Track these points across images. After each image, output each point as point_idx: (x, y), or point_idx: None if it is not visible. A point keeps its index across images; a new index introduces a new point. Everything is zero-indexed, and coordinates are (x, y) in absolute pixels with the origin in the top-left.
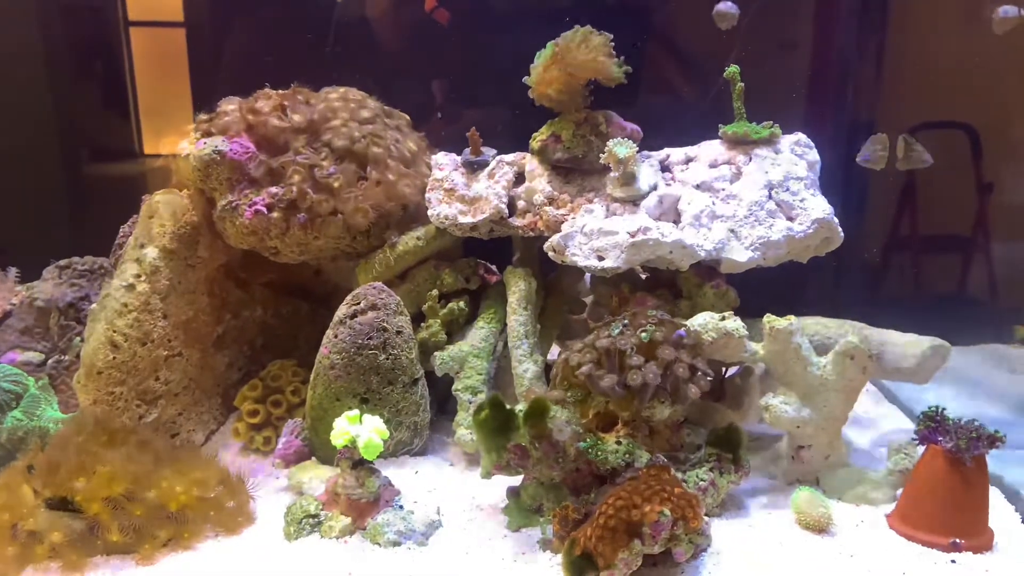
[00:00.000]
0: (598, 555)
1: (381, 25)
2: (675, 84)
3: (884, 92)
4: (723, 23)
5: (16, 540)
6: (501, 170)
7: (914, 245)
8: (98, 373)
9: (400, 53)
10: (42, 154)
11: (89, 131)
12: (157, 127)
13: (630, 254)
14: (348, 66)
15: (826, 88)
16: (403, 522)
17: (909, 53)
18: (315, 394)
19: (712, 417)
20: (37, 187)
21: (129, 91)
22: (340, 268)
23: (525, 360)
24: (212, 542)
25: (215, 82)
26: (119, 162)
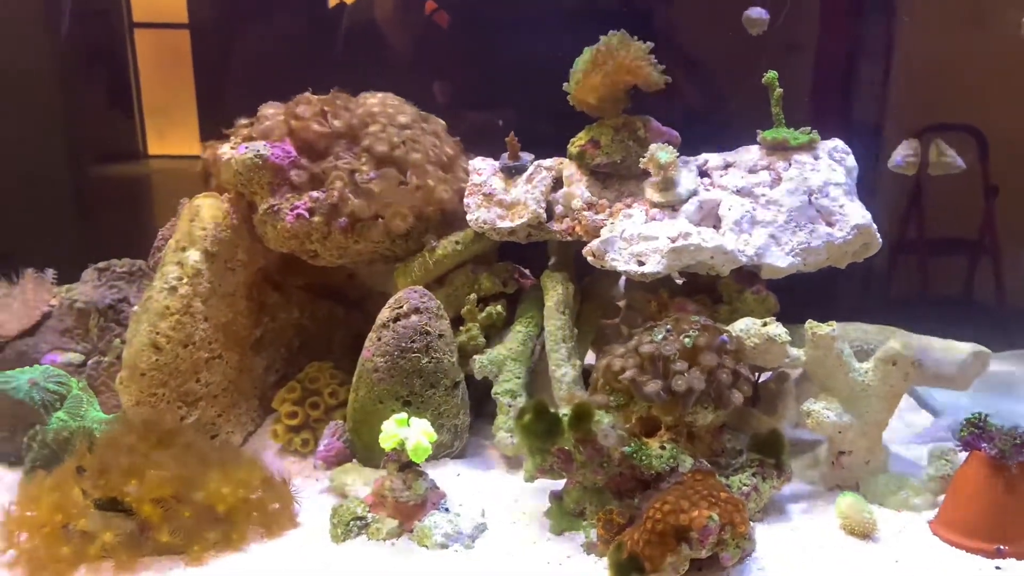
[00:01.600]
0: (646, 559)
1: (390, 27)
2: (680, 90)
3: (890, 95)
4: (754, 28)
5: (69, 540)
6: (539, 175)
7: (942, 248)
8: (141, 375)
9: (410, 55)
10: (47, 155)
11: (94, 132)
12: (160, 128)
13: (671, 259)
14: (358, 69)
15: (832, 91)
16: (450, 524)
17: (916, 56)
18: (358, 396)
19: (747, 422)
20: (42, 188)
21: (133, 92)
22: (373, 271)
23: (563, 364)
24: (259, 544)
25: (220, 84)
26: (123, 163)
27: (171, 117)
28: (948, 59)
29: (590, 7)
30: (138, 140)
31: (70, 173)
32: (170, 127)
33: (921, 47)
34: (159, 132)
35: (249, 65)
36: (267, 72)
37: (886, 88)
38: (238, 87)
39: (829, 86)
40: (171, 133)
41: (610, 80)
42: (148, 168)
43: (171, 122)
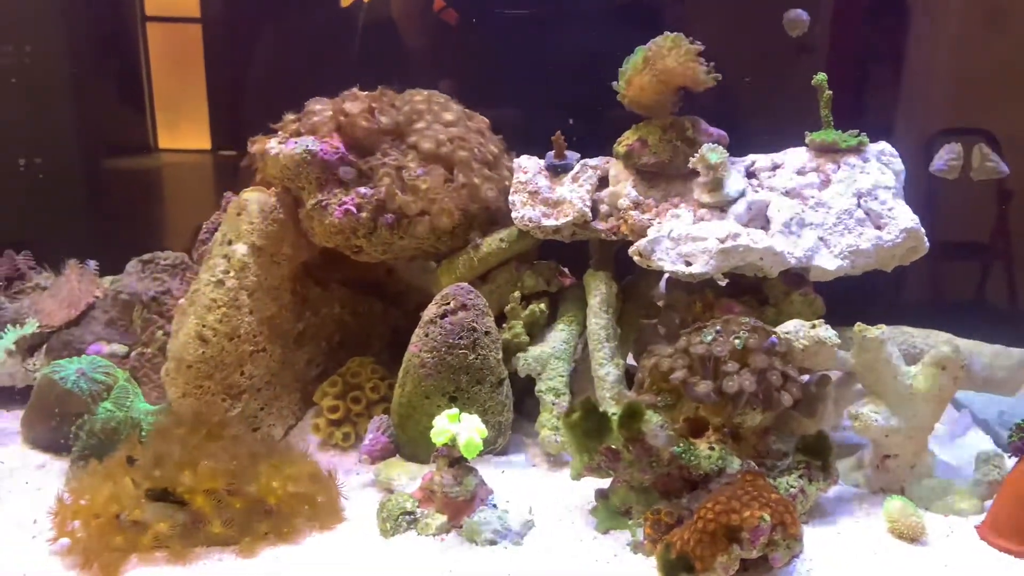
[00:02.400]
0: (696, 558)
1: (406, 24)
2: None
3: (902, 98)
4: (794, 30)
5: (122, 530)
6: (585, 174)
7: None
8: (187, 367)
9: (426, 52)
10: (60, 148)
11: (106, 126)
12: (171, 122)
13: (719, 260)
14: (372, 65)
15: (843, 93)
16: (499, 521)
17: (928, 58)
18: (404, 391)
19: (787, 424)
20: (55, 181)
21: (145, 86)
22: (411, 268)
23: (606, 363)
24: (309, 537)
25: (231, 78)
26: (133, 156)
27: (182, 111)
28: (961, 62)
29: (596, 4)
30: (149, 134)
31: (82, 166)
32: (180, 121)
33: (934, 50)
34: (169, 126)
35: (260, 60)
36: (278, 67)
37: (898, 91)
38: (249, 82)
39: (841, 88)
40: (181, 127)
41: (660, 80)
42: (158, 162)
43: (181, 116)
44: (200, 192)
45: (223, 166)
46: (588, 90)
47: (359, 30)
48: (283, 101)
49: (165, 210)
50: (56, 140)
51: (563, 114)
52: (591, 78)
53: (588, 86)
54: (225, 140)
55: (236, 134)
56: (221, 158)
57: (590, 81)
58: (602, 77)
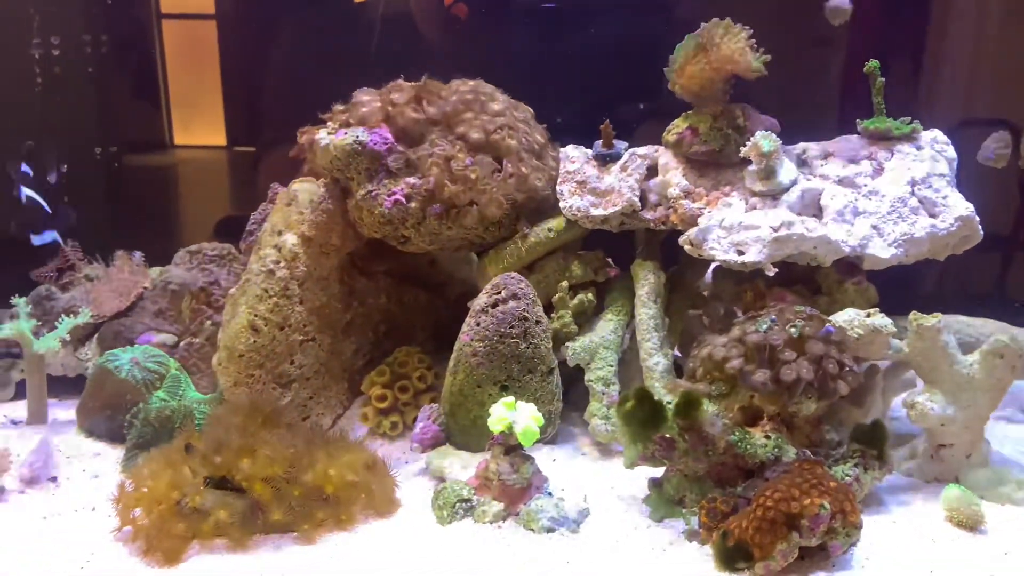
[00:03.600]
0: (755, 546)
1: (425, 18)
2: None
3: (923, 88)
4: (836, 19)
5: (183, 517)
6: (634, 163)
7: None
8: (239, 356)
9: (444, 46)
10: (79, 144)
11: (122, 122)
12: (186, 118)
13: (773, 249)
14: (392, 60)
15: (862, 84)
16: (556, 509)
17: (949, 49)
18: (455, 380)
19: (836, 413)
20: (74, 176)
21: (161, 83)
22: (452, 258)
23: (655, 353)
24: (366, 525)
25: (245, 74)
26: (149, 153)
27: (197, 108)
28: (983, 52)
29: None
30: (164, 130)
31: (101, 162)
32: (195, 117)
33: (954, 40)
34: (185, 122)
35: (275, 56)
36: (293, 63)
37: (917, 82)
38: (264, 78)
39: (860, 79)
40: (196, 123)
41: (712, 68)
42: (174, 158)
43: (196, 113)
44: (216, 188)
45: (238, 161)
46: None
47: (377, 24)
48: (298, 96)
49: (181, 206)
50: (75, 137)
51: (584, 106)
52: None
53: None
54: (240, 136)
55: (251, 130)
56: (236, 154)
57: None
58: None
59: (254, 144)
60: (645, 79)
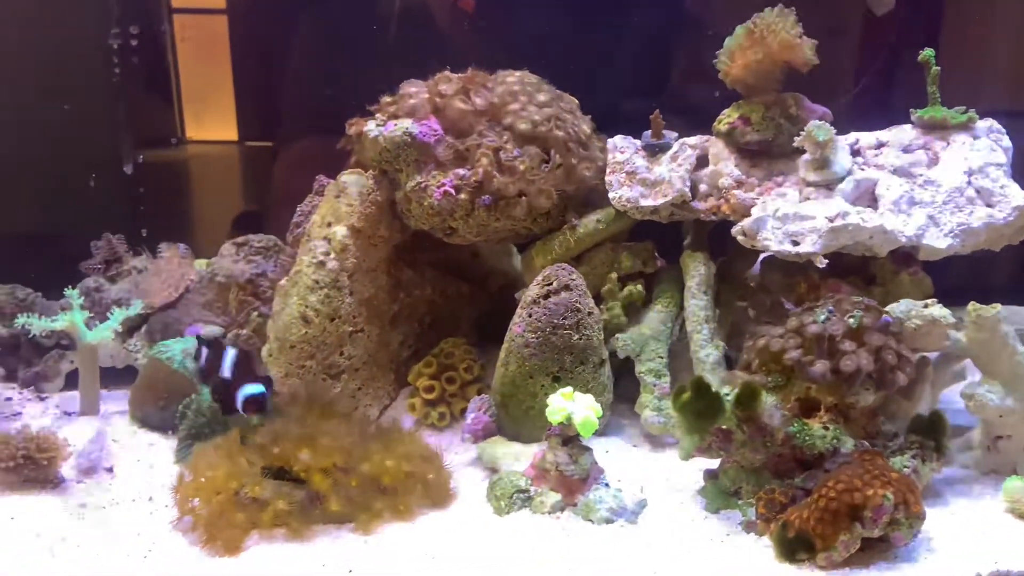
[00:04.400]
0: (816, 537)
1: (438, 12)
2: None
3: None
4: (879, 9)
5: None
6: (684, 153)
7: None
8: (290, 347)
9: (461, 38)
10: (93, 140)
11: (135, 117)
12: (198, 113)
13: (828, 239)
14: (399, 53)
15: (877, 74)
16: (615, 500)
17: (962, 39)
18: (507, 371)
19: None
20: (89, 172)
21: (172, 77)
22: (494, 250)
23: (706, 345)
24: (424, 515)
25: (257, 69)
26: (161, 148)
27: (208, 102)
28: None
29: None
30: (176, 125)
31: (113, 157)
32: (207, 112)
33: (968, 32)
34: (196, 117)
35: (286, 50)
36: (304, 57)
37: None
38: (276, 72)
39: (871, 70)
40: (208, 118)
41: (768, 58)
42: (186, 153)
43: (208, 107)
44: (228, 183)
45: (250, 156)
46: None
47: (394, 17)
48: (310, 90)
49: (195, 200)
50: (89, 133)
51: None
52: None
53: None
54: (252, 131)
55: (263, 125)
56: (248, 148)
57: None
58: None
59: (271, 139)
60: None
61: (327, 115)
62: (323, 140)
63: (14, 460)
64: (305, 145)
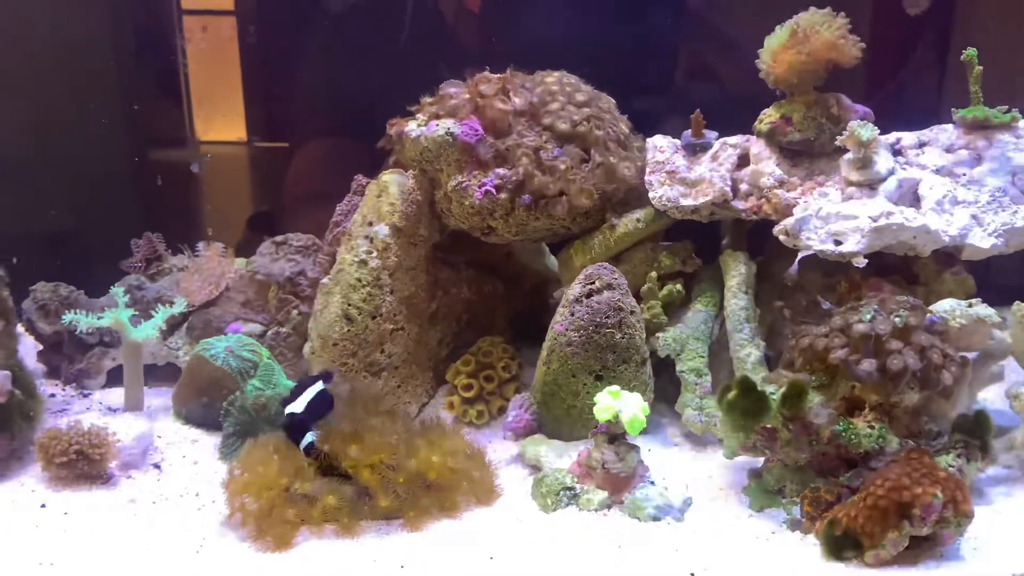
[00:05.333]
0: (864, 535)
1: (462, 13)
2: (714, 70)
3: (946, 81)
4: (914, 8)
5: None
6: (725, 152)
7: None
8: (333, 344)
9: (469, 38)
10: (105, 140)
11: (145, 118)
12: (207, 114)
13: (872, 239)
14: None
15: (891, 78)
16: (661, 497)
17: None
18: (549, 370)
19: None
20: (101, 173)
21: (182, 79)
22: (527, 249)
23: (747, 345)
24: (470, 512)
25: (265, 70)
26: (171, 148)
27: (217, 103)
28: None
29: None
30: (186, 126)
31: (124, 158)
32: (216, 113)
33: (977, 33)
34: (206, 118)
35: (295, 52)
36: (313, 58)
37: (942, 74)
38: (284, 73)
39: (881, 71)
40: (217, 119)
41: (812, 57)
42: (196, 154)
43: (217, 108)
44: (238, 183)
45: (259, 156)
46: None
47: (407, 17)
48: (319, 91)
49: (205, 201)
50: (101, 133)
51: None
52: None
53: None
54: (260, 131)
55: (271, 125)
56: (257, 149)
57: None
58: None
59: (284, 140)
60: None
61: (340, 117)
62: (337, 141)
63: (67, 456)
64: (319, 146)
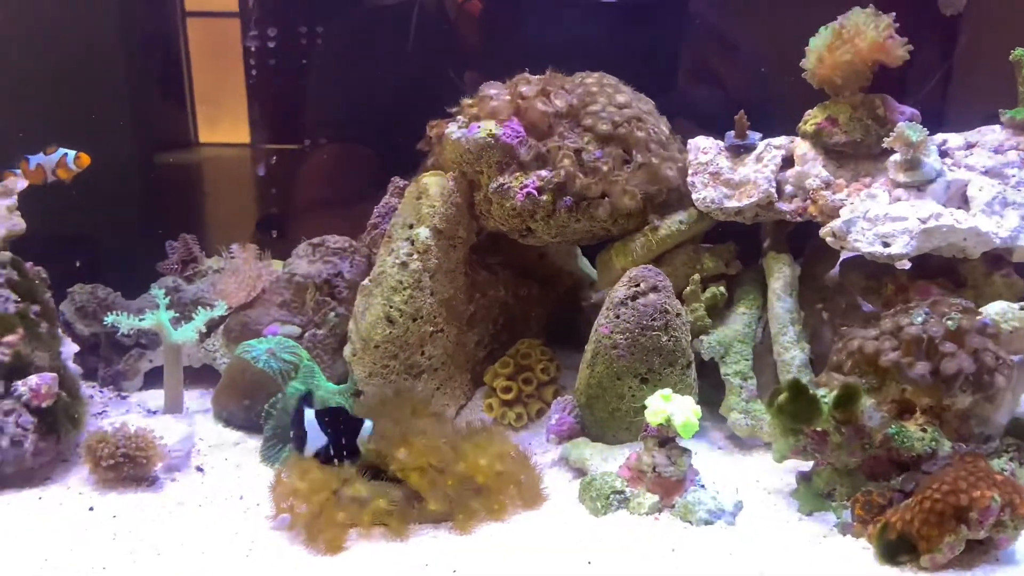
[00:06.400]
0: (920, 539)
1: (462, 16)
2: (719, 75)
3: (952, 82)
4: (948, 9)
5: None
6: (769, 154)
7: None
8: (375, 347)
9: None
10: (113, 143)
11: (150, 120)
12: (211, 116)
13: (921, 241)
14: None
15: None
16: (713, 501)
17: (979, 41)
18: (594, 372)
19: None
20: (109, 176)
21: (186, 81)
22: (560, 251)
23: (792, 347)
24: (518, 515)
25: (269, 72)
26: (175, 151)
27: (221, 105)
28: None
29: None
30: (190, 128)
31: (130, 161)
32: (220, 115)
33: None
34: (209, 120)
35: (298, 54)
36: (316, 61)
37: (948, 75)
38: (288, 76)
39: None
40: (221, 121)
41: (858, 58)
42: (199, 156)
43: (221, 111)
44: (241, 185)
45: (262, 159)
46: None
47: (414, 22)
48: (324, 94)
49: (208, 203)
50: (108, 136)
51: None
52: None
53: None
54: (264, 134)
55: (274, 128)
56: (260, 151)
57: None
58: None
59: (278, 142)
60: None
61: (348, 121)
62: (346, 146)
63: (114, 458)
64: (330, 150)
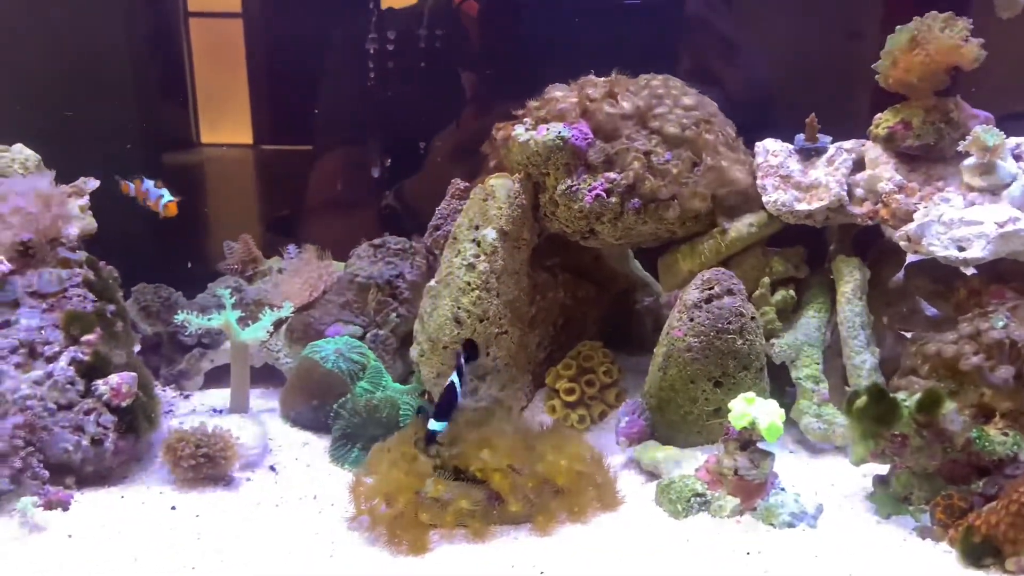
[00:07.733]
0: (1006, 542)
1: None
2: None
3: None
4: (1006, 12)
5: (424, 507)
6: (840, 157)
7: None
8: (443, 347)
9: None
10: (117, 143)
11: (153, 120)
12: (213, 117)
13: (998, 245)
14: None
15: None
16: (796, 504)
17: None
18: (666, 375)
19: None
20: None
21: (188, 81)
22: (615, 254)
23: (862, 351)
24: (597, 517)
25: (271, 73)
26: (177, 151)
27: (223, 106)
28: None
29: None
30: (192, 128)
31: (136, 160)
32: (222, 116)
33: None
34: (211, 121)
35: (301, 54)
36: (319, 61)
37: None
38: (291, 76)
39: None
40: (223, 122)
41: (933, 60)
42: (201, 156)
43: (223, 111)
44: (243, 185)
45: (264, 160)
46: None
47: (424, 21)
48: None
49: (210, 203)
50: (113, 136)
51: None
52: None
53: None
54: (266, 134)
55: (277, 128)
56: (263, 152)
57: None
58: None
59: (282, 142)
60: None
61: (357, 123)
62: (354, 148)
63: (195, 458)
64: (339, 152)
